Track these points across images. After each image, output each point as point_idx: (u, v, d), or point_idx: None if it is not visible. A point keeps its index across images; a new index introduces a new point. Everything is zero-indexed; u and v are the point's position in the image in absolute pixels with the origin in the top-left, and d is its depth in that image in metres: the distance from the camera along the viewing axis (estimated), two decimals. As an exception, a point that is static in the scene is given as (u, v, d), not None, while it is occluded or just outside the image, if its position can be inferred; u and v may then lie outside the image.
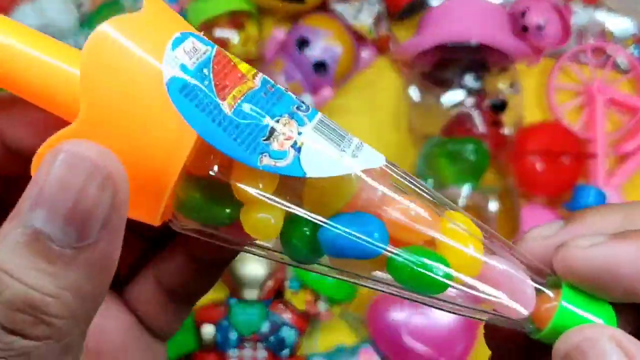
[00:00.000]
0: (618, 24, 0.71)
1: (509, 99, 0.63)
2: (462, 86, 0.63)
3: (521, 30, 0.65)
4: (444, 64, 0.64)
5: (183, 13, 0.68)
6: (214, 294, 0.60)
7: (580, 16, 0.70)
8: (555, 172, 0.65)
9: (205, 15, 0.64)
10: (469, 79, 0.63)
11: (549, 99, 0.70)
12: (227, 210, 0.19)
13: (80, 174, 0.15)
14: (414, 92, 0.65)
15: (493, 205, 0.61)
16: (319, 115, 0.21)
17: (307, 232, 0.19)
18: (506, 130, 0.63)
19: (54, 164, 0.15)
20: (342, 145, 0.20)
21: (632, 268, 0.18)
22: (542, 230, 0.22)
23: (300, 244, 0.19)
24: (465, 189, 0.61)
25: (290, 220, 0.19)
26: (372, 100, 0.71)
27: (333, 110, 0.69)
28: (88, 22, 0.68)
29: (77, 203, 0.15)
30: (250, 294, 0.58)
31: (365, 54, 0.69)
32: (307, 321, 0.60)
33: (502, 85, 0.63)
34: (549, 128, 0.68)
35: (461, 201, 0.61)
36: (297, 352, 0.61)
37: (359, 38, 0.67)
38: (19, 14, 0.65)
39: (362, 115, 0.70)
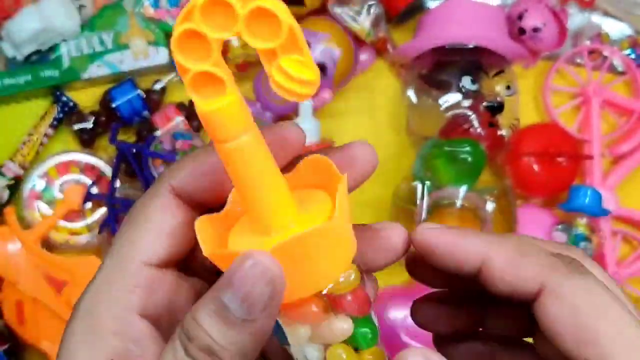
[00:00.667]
0: (614, 26, 0.72)
1: (505, 101, 0.64)
2: (459, 88, 0.63)
3: (518, 32, 0.65)
4: (441, 66, 0.65)
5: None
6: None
7: (576, 19, 0.71)
8: (552, 174, 0.66)
9: (205, 18, 0.65)
10: (466, 81, 0.63)
11: (545, 101, 0.71)
12: None
13: (257, 272, 0.23)
14: (412, 94, 0.65)
15: (489, 206, 0.62)
16: None
17: None
18: (503, 132, 0.64)
19: (244, 263, 0.23)
20: None
21: (443, 248, 0.27)
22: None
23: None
24: (462, 190, 0.61)
25: None
26: (370, 102, 0.71)
27: (332, 112, 0.69)
28: (89, 24, 0.69)
29: (251, 289, 0.23)
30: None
31: (364, 56, 0.70)
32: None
33: (499, 87, 0.64)
34: (545, 129, 0.69)
35: (458, 202, 0.61)
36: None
37: (357, 41, 0.68)
38: (21, 16, 0.65)
39: (360, 117, 0.71)
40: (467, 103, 0.63)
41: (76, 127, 0.68)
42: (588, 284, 0.25)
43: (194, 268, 0.28)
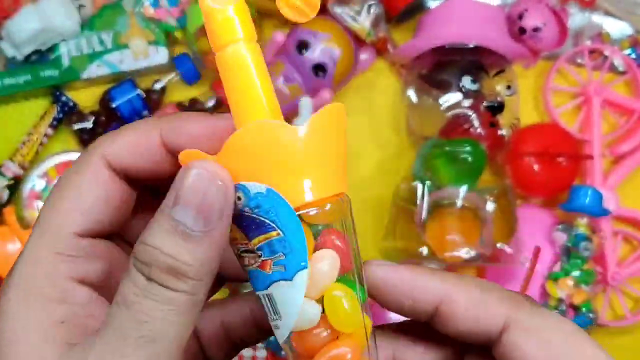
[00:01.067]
0: (614, 26, 0.72)
1: (506, 101, 0.64)
2: (459, 88, 0.63)
3: (518, 32, 0.65)
4: (441, 66, 0.64)
5: (184, 16, 0.68)
6: (215, 294, 0.60)
7: (577, 18, 0.70)
8: (552, 174, 0.66)
9: (205, 18, 0.65)
10: (467, 81, 0.63)
11: (546, 101, 0.70)
12: None
13: (204, 181, 0.22)
14: (412, 94, 0.65)
15: (489, 206, 0.62)
16: None
17: None
18: (503, 132, 0.64)
19: (188, 175, 0.22)
20: None
21: (398, 287, 0.26)
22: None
23: None
24: (462, 190, 0.61)
25: None
26: (370, 102, 0.71)
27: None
28: (89, 24, 0.69)
29: (202, 200, 0.22)
30: (250, 293, 0.58)
31: (364, 56, 0.70)
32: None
33: (499, 87, 0.64)
34: (546, 129, 0.68)
35: (458, 202, 0.61)
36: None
37: (357, 40, 0.68)
38: (21, 16, 0.65)
39: (360, 117, 0.71)
40: (467, 103, 0.63)
41: (76, 127, 0.68)
42: (557, 319, 0.25)
43: (132, 240, 0.28)
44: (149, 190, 0.28)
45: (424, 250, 0.60)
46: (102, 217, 0.26)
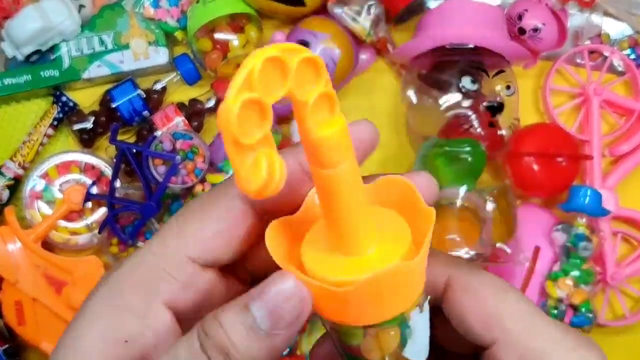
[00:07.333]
0: (614, 26, 0.72)
1: (505, 101, 0.64)
2: (459, 88, 0.63)
3: (518, 32, 0.65)
4: (441, 66, 0.64)
5: (184, 16, 0.68)
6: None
7: (576, 19, 0.70)
8: (552, 174, 0.66)
9: (206, 19, 0.65)
10: (466, 81, 0.63)
11: (545, 101, 0.71)
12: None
13: (291, 291, 0.23)
14: (412, 94, 0.65)
15: (489, 206, 0.62)
16: None
17: None
18: (503, 132, 0.64)
19: (279, 284, 0.23)
20: None
21: None
22: None
23: None
24: (462, 190, 0.61)
25: None
26: (370, 102, 0.71)
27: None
28: (90, 24, 0.69)
29: (280, 306, 0.23)
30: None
31: (364, 56, 0.70)
32: (307, 320, 0.60)
33: (499, 87, 0.64)
34: (545, 129, 0.68)
35: (458, 202, 0.61)
36: (296, 350, 0.62)
37: (357, 41, 0.68)
38: (21, 16, 0.65)
39: (360, 117, 0.70)
40: (467, 103, 0.63)
41: (76, 127, 0.68)
42: (489, 277, 0.27)
43: (236, 270, 0.28)
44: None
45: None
46: (225, 246, 0.26)
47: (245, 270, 0.28)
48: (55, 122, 0.69)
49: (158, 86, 0.69)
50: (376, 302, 0.24)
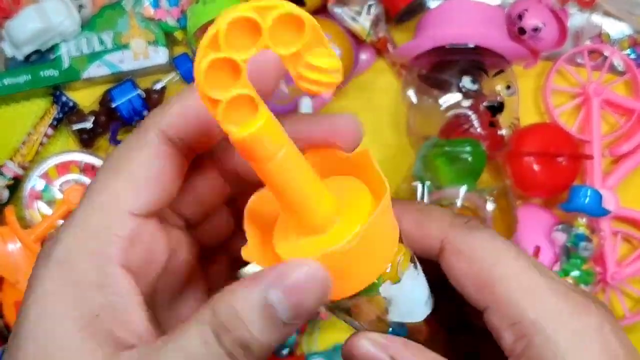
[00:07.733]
0: (614, 26, 0.72)
1: (505, 101, 0.64)
2: (459, 88, 0.63)
3: (518, 32, 0.65)
4: (441, 66, 0.64)
5: (184, 16, 0.68)
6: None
7: (576, 18, 0.70)
8: (552, 174, 0.66)
9: (205, 18, 0.65)
10: (467, 81, 0.63)
11: (546, 101, 0.71)
12: None
13: (313, 283, 0.22)
14: (412, 94, 0.66)
15: (489, 206, 0.62)
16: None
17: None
18: (503, 132, 0.64)
19: (298, 269, 0.22)
20: None
21: None
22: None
23: None
24: (462, 190, 0.61)
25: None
26: (370, 102, 0.71)
27: (332, 112, 0.69)
28: (89, 24, 0.69)
29: (304, 300, 0.22)
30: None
31: (364, 56, 0.70)
32: (307, 320, 0.60)
33: (499, 87, 0.64)
34: (546, 129, 0.68)
35: (458, 202, 0.61)
36: (296, 350, 0.62)
37: (357, 41, 0.68)
38: (21, 16, 0.65)
39: (360, 117, 0.69)
40: (467, 103, 0.63)
41: (76, 127, 0.68)
42: (483, 237, 0.26)
43: (167, 217, 0.27)
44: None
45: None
46: (159, 191, 0.25)
47: (176, 215, 0.28)
48: (55, 122, 0.69)
49: (158, 86, 0.69)
50: (347, 274, 0.24)
